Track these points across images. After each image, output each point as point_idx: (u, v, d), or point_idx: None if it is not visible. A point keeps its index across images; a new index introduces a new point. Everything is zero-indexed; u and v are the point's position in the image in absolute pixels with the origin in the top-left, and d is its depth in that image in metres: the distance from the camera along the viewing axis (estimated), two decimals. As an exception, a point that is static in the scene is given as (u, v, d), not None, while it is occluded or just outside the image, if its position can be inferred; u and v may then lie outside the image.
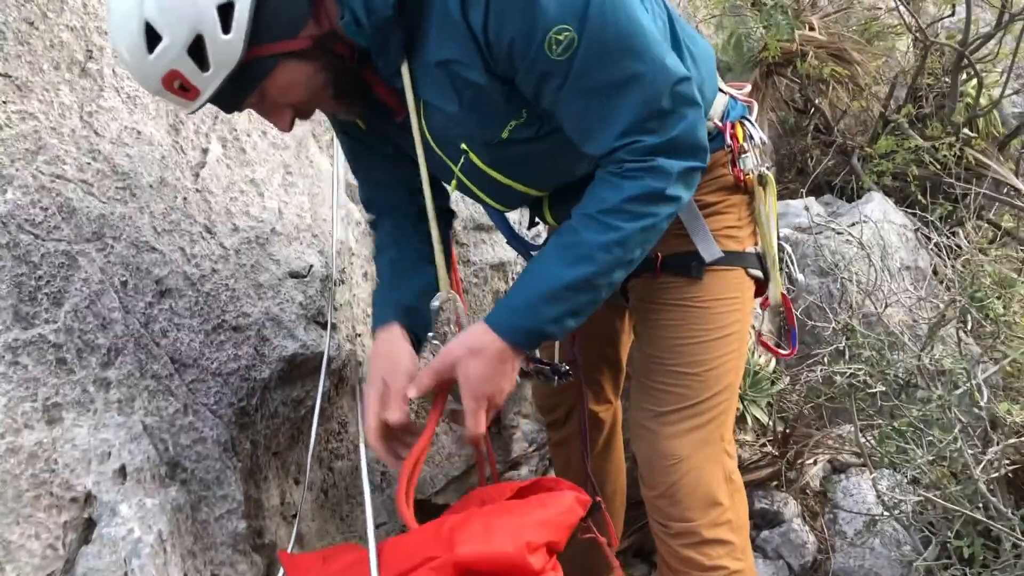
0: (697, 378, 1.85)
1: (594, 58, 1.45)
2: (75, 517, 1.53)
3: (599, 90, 1.49)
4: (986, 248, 4.20)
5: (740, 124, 1.89)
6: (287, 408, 2.03)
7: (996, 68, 5.36)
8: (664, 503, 1.87)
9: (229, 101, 1.56)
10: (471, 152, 1.68)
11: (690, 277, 1.85)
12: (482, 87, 1.52)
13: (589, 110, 1.52)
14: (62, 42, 1.78)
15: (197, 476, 1.78)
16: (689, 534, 1.85)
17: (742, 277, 1.92)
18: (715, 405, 1.87)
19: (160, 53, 1.42)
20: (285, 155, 2.28)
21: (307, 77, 1.55)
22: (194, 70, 1.45)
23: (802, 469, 3.26)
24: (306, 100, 1.60)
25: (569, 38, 1.43)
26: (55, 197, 1.66)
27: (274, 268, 2.06)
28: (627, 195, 1.54)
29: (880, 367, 2.81)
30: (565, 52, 1.44)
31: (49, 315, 1.59)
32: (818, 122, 5.66)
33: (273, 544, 2.00)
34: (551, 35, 1.42)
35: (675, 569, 1.89)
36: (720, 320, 1.87)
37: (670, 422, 1.85)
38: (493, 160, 1.69)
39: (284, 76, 1.52)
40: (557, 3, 1.41)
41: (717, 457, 1.88)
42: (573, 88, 1.49)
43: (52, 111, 1.72)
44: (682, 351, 1.86)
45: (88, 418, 1.60)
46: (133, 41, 1.42)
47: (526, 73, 1.49)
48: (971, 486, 2.42)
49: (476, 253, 2.85)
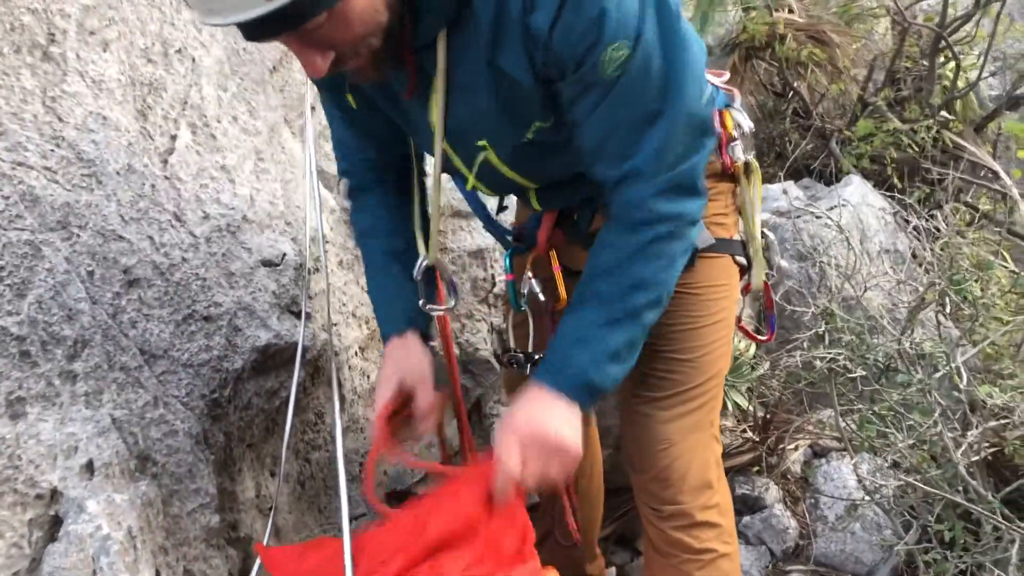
0: (690, 364, 1.86)
1: (638, 82, 1.45)
2: (40, 515, 1.49)
3: (631, 117, 1.49)
4: (964, 231, 4.21)
5: (727, 112, 1.89)
6: (261, 399, 1.99)
7: (973, 51, 5.38)
8: (656, 486, 1.88)
9: (291, 16, 1.30)
10: (490, 149, 1.64)
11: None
12: (522, 86, 1.48)
13: (613, 134, 1.51)
14: (23, 25, 1.73)
15: (168, 470, 1.74)
16: (681, 515, 1.86)
17: (730, 264, 1.93)
18: (706, 391, 1.89)
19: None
20: (257, 141, 2.23)
21: (373, 12, 1.38)
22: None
23: (783, 454, 3.26)
24: (356, 41, 1.41)
25: (624, 56, 1.41)
26: (16, 185, 1.61)
27: (246, 256, 2.01)
28: (640, 244, 1.57)
29: (860, 351, 2.81)
30: (617, 70, 1.42)
31: (12, 307, 1.54)
32: (797, 106, 5.66)
33: (248, 537, 1.96)
34: (609, 50, 1.40)
35: (664, 552, 1.90)
36: (711, 307, 1.87)
37: (664, 407, 1.86)
38: (510, 158, 1.66)
39: (359, 3, 1.35)
40: (616, 20, 1.38)
41: (707, 442, 1.91)
42: (609, 107, 1.47)
43: (13, 96, 1.67)
44: (676, 338, 1.86)
45: (54, 412, 1.55)
46: None
47: (573, 82, 1.46)
48: (951, 469, 2.42)
49: (455, 240, 2.81)
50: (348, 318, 2.38)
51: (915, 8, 5.63)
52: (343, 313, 2.36)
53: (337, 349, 2.27)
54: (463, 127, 1.62)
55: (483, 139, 1.62)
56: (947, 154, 5.05)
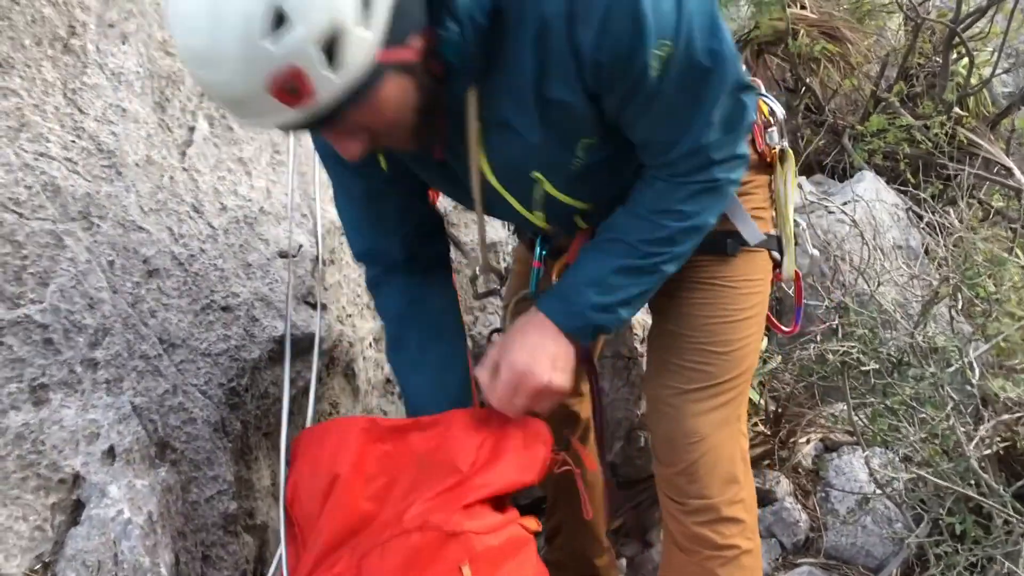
0: (724, 357, 1.85)
1: (684, 74, 1.44)
2: (63, 499, 1.51)
3: (679, 107, 1.49)
4: (977, 227, 4.20)
5: (760, 100, 1.89)
6: (277, 388, 2.01)
7: (987, 47, 5.36)
8: (683, 480, 1.86)
9: (324, 117, 1.31)
10: (544, 180, 1.62)
11: (724, 255, 1.85)
12: (574, 108, 1.47)
13: (667, 121, 1.52)
14: (44, 17, 1.75)
15: (187, 457, 1.76)
16: (707, 510, 1.85)
17: (766, 259, 1.92)
18: (736, 385, 1.88)
19: (285, 43, 1.18)
20: (273, 133, 2.25)
21: (405, 95, 1.37)
22: (320, 67, 1.21)
23: (794, 448, 3.27)
24: (392, 122, 1.41)
25: (669, 52, 1.40)
26: (39, 176, 1.63)
27: (263, 248, 2.03)
28: (680, 197, 1.59)
29: (873, 345, 2.81)
30: (662, 67, 1.42)
31: (35, 295, 1.56)
32: (809, 101, 5.65)
33: (264, 525, 1.98)
34: (653, 51, 1.39)
35: (685, 548, 1.88)
36: (746, 301, 1.88)
37: (695, 399, 1.85)
38: (565, 183, 1.64)
39: (390, 90, 1.33)
40: (657, 20, 1.37)
41: (736, 437, 1.90)
42: (658, 104, 1.47)
43: (35, 88, 1.69)
44: (712, 330, 1.86)
45: (76, 399, 1.58)
46: (249, 24, 1.16)
47: (624, 90, 1.45)
48: (963, 463, 2.43)
49: (467, 233, 2.82)
50: (363, 309, 2.40)
51: (928, 4, 5.62)
52: (357, 305, 2.38)
53: (352, 340, 2.29)
54: (513, 164, 1.60)
55: (536, 171, 1.60)
56: (960, 150, 5.03)
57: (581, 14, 1.35)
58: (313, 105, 1.26)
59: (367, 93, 1.30)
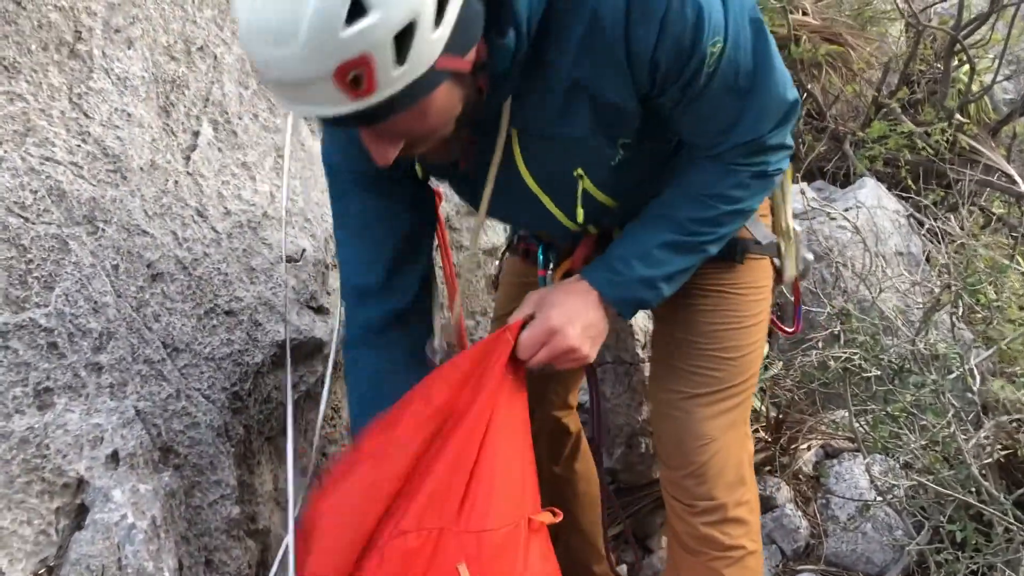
0: (732, 363, 1.88)
1: (733, 64, 1.48)
2: (67, 503, 1.51)
3: (729, 97, 1.52)
4: (978, 234, 4.21)
5: None
6: (280, 393, 2.01)
7: (988, 54, 5.36)
8: (692, 482, 1.88)
9: (374, 114, 1.29)
10: (586, 178, 1.64)
11: (732, 262, 1.87)
12: (624, 108, 1.50)
13: (715, 115, 1.55)
14: (50, 22, 1.76)
15: (190, 461, 1.76)
16: (714, 510, 1.87)
17: (768, 266, 1.95)
18: (744, 390, 1.91)
19: (363, 30, 1.16)
20: (277, 138, 2.25)
21: (452, 104, 1.38)
22: (389, 61, 1.21)
23: (795, 454, 3.26)
24: (432, 129, 1.40)
25: (720, 48, 1.44)
26: (44, 180, 1.64)
27: (266, 252, 2.04)
28: (731, 183, 1.63)
29: (874, 352, 2.81)
30: (713, 64, 1.45)
31: (40, 299, 1.57)
32: (810, 107, 5.65)
33: (267, 529, 1.99)
34: (709, 48, 1.42)
35: (692, 550, 1.90)
36: (752, 308, 1.90)
37: (704, 404, 1.87)
38: (605, 182, 1.66)
39: (441, 97, 1.33)
40: (710, 17, 1.40)
41: (742, 439, 1.93)
42: (707, 99, 1.51)
43: (41, 92, 1.70)
44: (719, 336, 1.88)
45: (80, 403, 1.58)
46: (329, 10, 1.15)
47: (675, 88, 1.48)
48: (964, 471, 2.43)
49: (469, 238, 2.83)
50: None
51: (930, 11, 5.62)
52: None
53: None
54: (555, 167, 1.63)
55: (579, 169, 1.63)
56: (962, 157, 5.03)
57: (639, 14, 1.37)
58: (369, 100, 1.25)
59: (421, 97, 1.30)
